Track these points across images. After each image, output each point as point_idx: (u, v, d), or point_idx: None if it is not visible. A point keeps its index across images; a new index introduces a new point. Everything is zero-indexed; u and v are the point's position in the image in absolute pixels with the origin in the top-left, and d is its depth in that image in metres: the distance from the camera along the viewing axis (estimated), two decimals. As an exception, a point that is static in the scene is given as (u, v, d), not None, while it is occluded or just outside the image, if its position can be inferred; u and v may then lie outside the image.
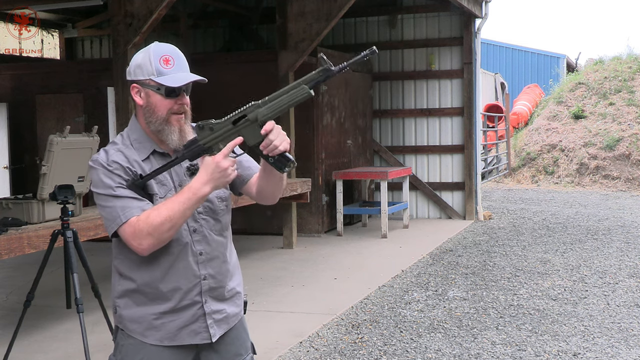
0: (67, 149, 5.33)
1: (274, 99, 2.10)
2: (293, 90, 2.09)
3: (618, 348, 5.25)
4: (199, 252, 2.34)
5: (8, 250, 4.78)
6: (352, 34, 12.39)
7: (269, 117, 2.10)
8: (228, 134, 2.15)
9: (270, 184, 2.34)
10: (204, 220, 2.36)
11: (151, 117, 2.31)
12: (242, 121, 2.13)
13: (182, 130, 2.31)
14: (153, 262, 2.30)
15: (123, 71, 6.30)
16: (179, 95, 2.30)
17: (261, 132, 2.10)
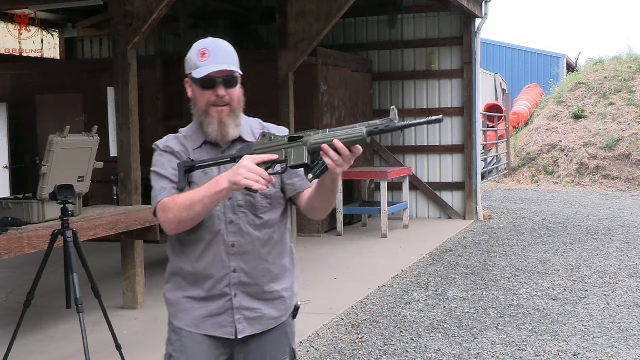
0: (67, 149, 5.33)
1: (331, 130, 2.16)
2: (351, 129, 2.12)
3: (618, 348, 5.25)
4: (231, 244, 2.35)
5: (8, 250, 4.78)
6: (352, 34, 12.39)
7: (318, 145, 2.14)
8: (280, 147, 2.20)
9: (322, 199, 2.34)
10: (242, 214, 2.37)
11: (194, 109, 2.39)
12: (297, 141, 2.19)
13: (223, 123, 2.35)
14: (188, 246, 2.38)
15: (123, 71, 6.32)
16: (215, 87, 2.32)
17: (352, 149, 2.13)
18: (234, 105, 2.37)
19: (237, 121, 2.39)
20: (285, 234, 2.50)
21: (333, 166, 2.10)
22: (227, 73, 2.33)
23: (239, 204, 2.37)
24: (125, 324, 5.86)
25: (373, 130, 2.10)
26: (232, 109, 2.37)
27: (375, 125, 2.11)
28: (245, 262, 2.37)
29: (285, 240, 2.50)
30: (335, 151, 2.09)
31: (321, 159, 2.12)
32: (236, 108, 2.38)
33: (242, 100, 2.43)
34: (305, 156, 2.15)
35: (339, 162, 2.10)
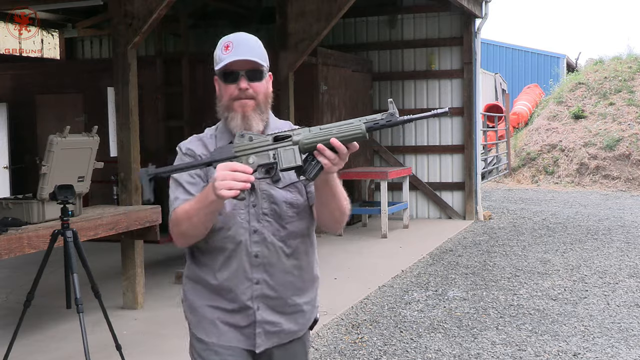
0: (67, 149, 5.33)
1: (325, 128, 2.00)
2: (348, 126, 1.98)
3: (618, 348, 5.25)
4: (254, 254, 2.25)
5: (8, 250, 4.78)
6: (352, 34, 12.39)
7: (311, 144, 1.99)
8: (264, 148, 2.04)
9: (324, 205, 2.21)
10: (267, 222, 2.25)
11: (219, 106, 2.28)
12: (284, 141, 2.03)
13: (246, 117, 2.21)
14: (208, 256, 2.29)
15: (123, 71, 6.32)
16: (238, 80, 2.20)
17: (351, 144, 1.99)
18: (259, 100, 2.24)
19: (262, 116, 2.25)
20: (312, 246, 2.39)
21: (329, 165, 1.99)
22: (250, 65, 2.20)
23: (264, 212, 2.25)
24: (125, 324, 5.86)
25: (373, 125, 1.98)
26: (257, 104, 2.23)
27: (374, 120, 1.98)
28: (269, 274, 2.27)
29: (313, 253, 2.40)
30: (332, 150, 1.98)
31: (314, 158, 1.99)
32: (262, 103, 2.25)
33: (269, 96, 2.29)
34: (296, 157, 2.00)
35: (335, 161, 1.99)
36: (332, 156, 1.98)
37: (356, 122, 1.98)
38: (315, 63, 10.12)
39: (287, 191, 2.27)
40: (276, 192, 2.25)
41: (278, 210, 2.25)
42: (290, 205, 2.27)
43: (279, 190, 2.26)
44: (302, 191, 2.28)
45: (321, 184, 2.11)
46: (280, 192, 2.26)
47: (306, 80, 9.95)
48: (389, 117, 1.97)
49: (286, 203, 2.26)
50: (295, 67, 9.00)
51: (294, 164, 2.00)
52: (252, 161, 2.02)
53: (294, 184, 2.26)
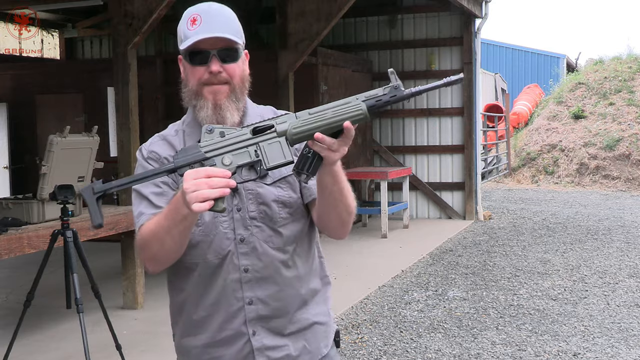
0: (67, 149, 5.33)
1: (316, 112, 1.66)
2: (343, 106, 1.64)
3: (618, 348, 5.25)
4: (244, 268, 1.87)
5: (8, 250, 4.78)
6: (352, 34, 12.39)
7: (303, 134, 1.64)
8: (241, 145, 1.67)
9: (329, 204, 1.83)
10: (256, 228, 1.88)
11: (184, 92, 1.89)
12: (266, 133, 1.67)
13: (219, 106, 1.83)
14: (188, 276, 1.91)
15: (123, 71, 6.32)
16: (208, 62, 1.81)
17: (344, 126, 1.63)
18: (235, 84, 1.85)
19: (238, 104, 1.87)
20: (312, 248, 2.00)
21: (328, 153, 1.64)
22: (223, 43, 1.81)
23: (252, 216, 1.87)
24: (125, 324, 5.86)
25: (375, 103, 1.64)
26: (231, 89, 1.85)
27: (375, 96, 1.65)
28: (264, 290, 1.88)
29: (313, 256, 2.00)
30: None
31: (309, 149, 1.65)
32: (237, 88, 1.86)
33: (246, 80, 1.91)
34: (284, 151, 1.65)
35: (335, 146, 1.63)
36: (331, 141, 1.62)
37: (353, 101, 1.65)
38: (315, 63, 10.13)
39: (277, 187, 1.90)
40: (264, 190, 1.88)
41: (269, 212, 1.88)
42: (282, 205, 1.90)
43: (268, 187, 1.89)
44: (294, 186, 1.92)
45: (323, 178, 1.74)
46: (270, 190, 1.89)
47: (306, 81, 9.95)
48: (392, 92, 1.64)
49: (278, 202, 1.89)
50: (295, 67, 9.00)
51: (283, 159, 1.65)
52: (229, 162, 1.65)
53: (285, 178, 1.90)
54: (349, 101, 1.65)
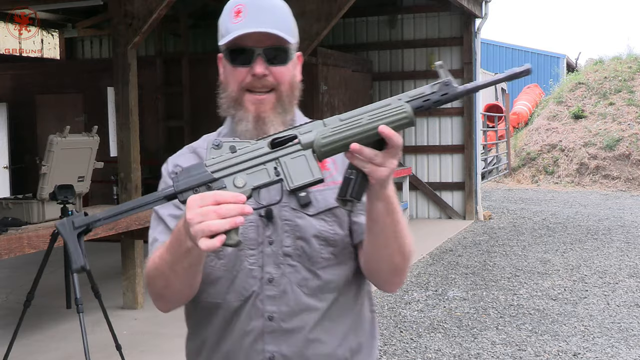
0: (67, 149, 5.34)
1: (349, 118, 1.34)
2: (382, 108, 1.33)
3: (618, 348, 5.25)
4: (269, 315, 1.54)
5: (8, 250, 4.78)
6: (352, 34, 12.39)
7: (333, 145, 1.33)
8: (257, 161, 1.35)
9: (380, 240, 1.46)
10: (290, 268, 1.54)
11: (223, 97, 1.59)
12: (287, 146, 1.36)
13: (261, 119, 1.52)
14: (206, 317, 1.62)
15: (123, 71, 6.32)
16: (252, 62, 1.51)
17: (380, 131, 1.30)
18: (282, 92, 1.54)
19: (285, 117, 1.55)
20: (360, 300, 1.64)
21: (373, 168, 1.30)
22: (271, 41, 1.51)
23: (286, 252, 1.54)
24: (125, 324, 5.86)
25: (422, 104, 1.34)
26: (278, 98, 1.54)
27: (422, 95, 1.34)
28: (290, 346, 1.54)
29: (361, 311, 1.64)
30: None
31: (352, 170, 1.34)
32: (285, 97, 1.55)
33: (296, 88, 1.60)
34: (312, 167, 1.33)
35: (378, 159, 1.30)
36: (372, 155, 1.30)
37: (395, 102, 1.34)
38: (315, 63, 10.12)
39: (320, 220, 1.56)
40: (305, 222, 1.55)
41: (307, 249, 1.54)
42: (325, 242, 1.55)
43: (309, 219, 1.55)
44: (342, 221, 1.56)
45: (372, 205, 1.40)
46: (311, 222, 1.55)
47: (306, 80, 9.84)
48: (442, 89, 1.34)
49: (319, 239, 1.54)
50: (295, 67, 8.98)
51: (311, 177, 1.33)
52: (243, 183, 1.34)
53: (332, 210, 1.55)
54: (389, 103, 1.34)
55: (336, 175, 1.57)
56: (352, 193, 1.33)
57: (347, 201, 1.34)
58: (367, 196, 1.37)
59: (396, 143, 1.29)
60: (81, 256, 1.33)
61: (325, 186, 1.50)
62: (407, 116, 1.32)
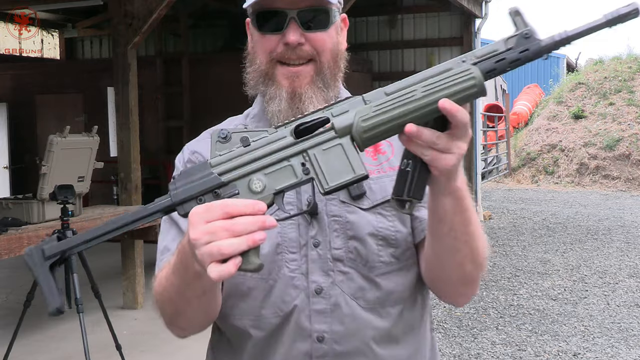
0: (67, 149, 5.34)
1: (398, 91, 1.05)
2: (441, 75, 1.04)
3: (618, 348, 5.25)
4: (318, 336, 1.25)
5: (8, 250, 4.78)
6: (352, 34, 12.39)
7: (380, 128, 1.02)
8: (278, 156, 1.05)
9: (441, 250, 1.19)
10: (342, 275, 1.25)
11: (249, 71, 1.33)
12: (317, 133, 1.05)
13: (297, 97, 1.26)
14: (238, 341, 1.32)
15: (123, 71, 6.32)
16: (285, 28, 1.25)
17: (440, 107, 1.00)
18: (323, 63, 1.30)
19: (327, 93, 1.31)
20: (425, 316, 1.37)
21: (434, 155, 1.01)
22: (307, 1, 1.26)
23: (336, 256, 1.25)
24: (125, 324, 5.86)
25: (495, 65, 1.03)
26: (318, 70, 1.30)
27: (494, 53, 1.03)
28: None
29: (425, 331, 1.37)
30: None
31: (407, 160, 1.05)
32: (327, 69, 1.32)
33: (341, 58, 1.41)
34: (353, 159, 1.03)
35: (441, 143, 1.01)
36: (431, 136, 1.00)
37: (458, 65, 1.04)
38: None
39: (377, 215, 1.27)
40: (358, 218, 1.26)
41: (363, 251, 1.26)
42: (384, 242, 1.26)
43: (364, 213, 1.27)
44: (403, 215, 1.28)
45: (437, 201, 1.12)
46: (366, 218, 1.27)
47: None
48: (521, 42, 1.01)
49: (377, 238, 1.26)
50: (295, 67, 8.99)
51: (352, 174, 1.03)
52: (260, 187, 1.05)
53: (389, 201, 1.21)
54: (449, 67, 1.04)
55: (394, 159, 1.30)
56: (410, 191, 1.05)
57: (405, 202, 1.05)
58: (429, 190, 1.09)
59: (462, 120, 1.01)
60: (56, 295, 1.09)
61: (381, 173, 1.28)
62: (476, 84, 1.01)
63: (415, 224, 1.29)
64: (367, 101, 1.05)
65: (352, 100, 1.06)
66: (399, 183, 1.06)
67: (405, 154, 1.06)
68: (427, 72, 1.07)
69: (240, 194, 1.05)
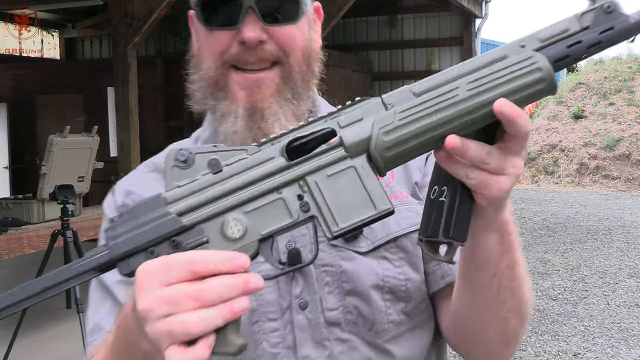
0: (67, 149, 5.34)
1: (433, 89, 0.79)
2: (494, 67, 0.79)
3: (618, 348, 5.25)
4: None
5: (8, 250, 4.79)
6: (352, 34, 12.39)
7: (409, 146, 0.76)
8: (263, 187, 0.77)
9: (479, 302, 0.91)
10: (340, 345, 0.98)
11: (197, 79, 1.03)
12: (319, 153, 0.78)
13: (257, 113, 0.98)
14: None
15: (123, 71, 6.32)
16: (240, 22, 0.96)
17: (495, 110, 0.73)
18: (292, 66, 1.00)
19: (298, 107, 1.00)
20: None
21: (486, 179, 0.76)
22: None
23: (331, 319, 0.98)
24: (125, 324, 5.86)
25: (568, 53, 0.78)
26: (285, 77, 1.00)
27: (566, 35, 0.78)
28: None
29: None
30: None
31: (437, 187, 0.80)
32: (297, 75, 1.00)
33: (315, 58, 1.04)
34: (372, 190, 0.76)
35: (493, 161, 0.75)
36: (479, 151, 0.75)
37: (515, 51, 0.81)
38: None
39: (381, 260, 1.00)
40: (356, 266, 0.99)
41: (365, 310, 0.98)
42: (392, 296, 0.99)
43: (363, 259, 1.00)
44: (414, 257, 1.02)
45: (478, 239, 0.84)
46: (367, 265, 0.99)
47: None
48: (602, 20, 0.77)
49: (382, 291, 0.99)
50: (295, 67, 8.99)
51: (373, 210, 0.76)
52: (240, 231, 0.77)
53: (397, 240, 1.01)
54: (504, 55, 0.81)
55: (395, 184, 1.04)
56: (448, 229, 0.77)
57: (438, 244, 0.78)
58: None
59: (523, 128, 0.74)
60: None
61: None
62: (543, 77, 0.75)
63: (431, 268, 1.01)
64: (389, 105, 0.77)
65: (367, 103, 0.78)
66: (430, 218, 0.78)
67: (437, 178, 0.79)
68: (471, 62, 0.80)
69: (210, 243, 0.76)
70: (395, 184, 1.04)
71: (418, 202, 1.04)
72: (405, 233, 1.01)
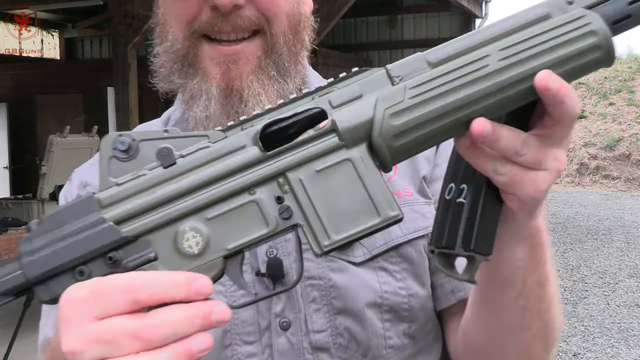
0: (67, 149, 5.35)
1: (450, 58, 0.67)
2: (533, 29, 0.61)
3: (618, 348, 5.25)
4: None
5: (8, 251, 4.79)
6: (352, 34, 12.39)
7: (425, 132, 0.59)
8: (231, 187, 0.60)
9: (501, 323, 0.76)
10: None
11: (161, 51, 0.88)
12: (307, 139, 0.60)
13: (235, 93, 0.83)
14: None
15: (123, 71, 6.32)
16: None
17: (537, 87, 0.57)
18: (276, 36, 0.86)
19: (284, 83, 0.87)
20: None
21: (519, 175, 0.60)
22: None
23: (317, 343, 0.84)
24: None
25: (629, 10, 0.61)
26: (268, 48, 0.85)
27: None
28: None
29: None
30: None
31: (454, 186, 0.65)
32: (282, 45, 0.87)
33: (305, 27, 0.95)
34: (377, 190, 0.59)
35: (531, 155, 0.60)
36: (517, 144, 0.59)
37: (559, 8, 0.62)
38: (315, 63, 10.13)
39: (379, 272, 0.86)
40: (349, 279, 0.85)
41: (359, 332, 0.84)
42: (393, 315, 0.85)
43: (356, 269, 0.85)
44: (420, 268, 0.87)
45: (504, 250, 0.69)
46: (362, 277, 0.85)
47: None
48: None
49: (380, 309, 0.85)
50: (295, 67, 9.00)
51: (376, 217, 0.59)
52: (197, 245, 0.60)
53: (398, 248, 0.86)
54: (545, 13, 0.62)
55: (397, 179, 0.87)
56: (469, 239, 0.62)
57: (455, 257, 0.64)
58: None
59: (571, 110, 0.59)
60: None
61: None
62: (598, 43, 0.59)
63: (439, 281, 0.85)
64: (396, 78, 0.62)
65: (368, 75, 0.63)
66: (444, 225, 0.63)
67: (455, 173, 0.64)
68: (503, 23, 0.63)
69: (159, 260, 0.59)
70: (397, 179, 0.86)
71: (425, 202, 0.86)
72: (409, 240, 0.83)
